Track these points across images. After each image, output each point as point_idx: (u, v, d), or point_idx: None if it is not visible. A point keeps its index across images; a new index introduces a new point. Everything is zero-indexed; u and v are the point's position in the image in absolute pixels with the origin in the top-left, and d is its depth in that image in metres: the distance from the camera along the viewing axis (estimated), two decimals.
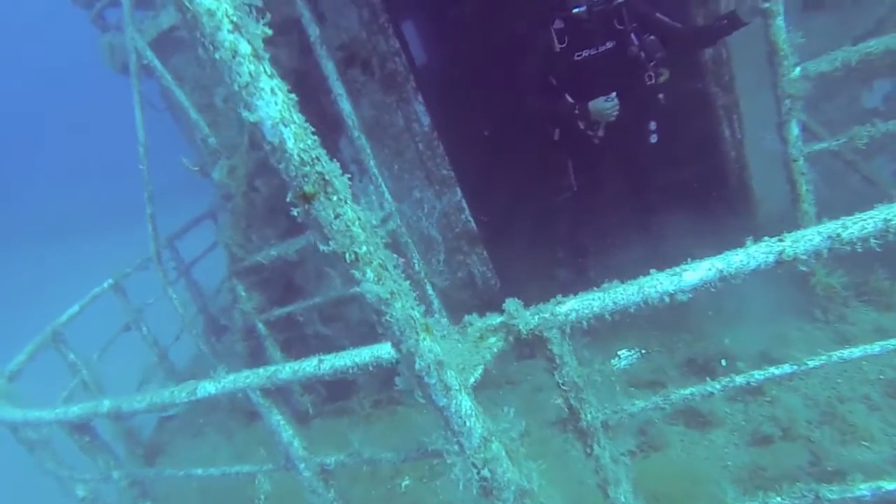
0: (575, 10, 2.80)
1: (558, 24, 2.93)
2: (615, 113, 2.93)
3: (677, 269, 1.46)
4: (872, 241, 1.32)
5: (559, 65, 2.98)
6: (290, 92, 1.04)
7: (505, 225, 5.16)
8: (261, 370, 1.91)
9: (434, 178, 4.00)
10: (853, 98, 3.28)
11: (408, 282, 1.26)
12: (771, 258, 1.35)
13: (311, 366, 1.80)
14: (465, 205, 4.09)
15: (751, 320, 3.05)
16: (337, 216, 1.09)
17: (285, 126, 1.02)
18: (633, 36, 2.91)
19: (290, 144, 1.03)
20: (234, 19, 0.97)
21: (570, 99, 3.10)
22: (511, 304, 1.56)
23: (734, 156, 3.53)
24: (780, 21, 2.37)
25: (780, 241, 1.35)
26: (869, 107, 3.29)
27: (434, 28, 7.65)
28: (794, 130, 2.52)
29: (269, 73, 1.01)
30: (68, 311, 4.25)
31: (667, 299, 1.45)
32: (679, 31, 2.95)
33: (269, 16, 1.05)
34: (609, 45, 2.89)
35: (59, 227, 28.59)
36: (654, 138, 3.03)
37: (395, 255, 1.22)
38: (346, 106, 3.10)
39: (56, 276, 22.65)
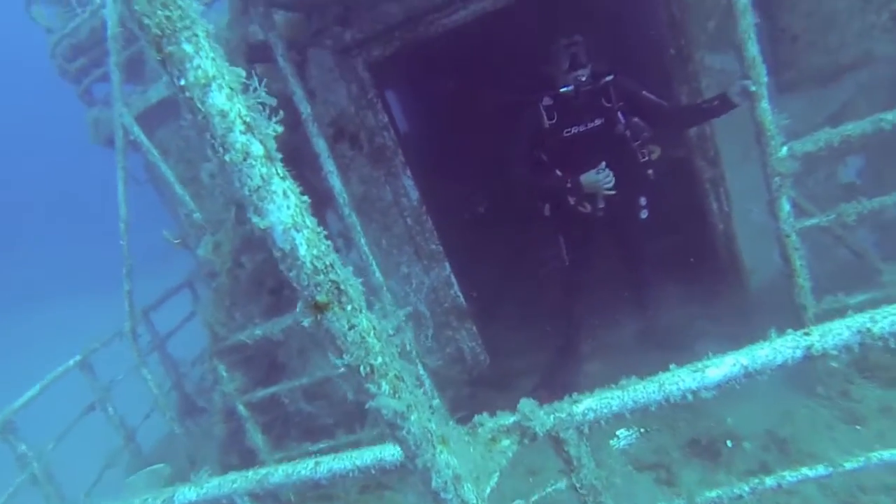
0: (563, 90, 2.87)
1: (547, 100, 2.99)
2: (609, 183, 2.94)
3: (699, 365, 1.39)
4: None
5: (548, 141, 3.02)
6: (302, 194, 0.99)
7: (494, 300, 5.10)
8: (250, 473, 1.75)
9: (422, 253, 3.95)
10: (831, 173, 3.38)
11: (420, 390, 1.16)
12: (798, 353, 1.30)
13: (306, 469, 1.64)
14: (453, 280, 4.03)
15: (752, 396, 2.97)
16: (351, 327, 1.01)
17: (297, 231, 0.95)
18: (619, 115, 2.98)
19: (302, 251, 0.96)
20: (247, 120, 0.91)
21: (559, 173, 3.12)
22: (525, 404, 1.46)
23: (722, 228, 3.57)
24: (765, 103, 2.44)
25: (807, 334, 1.30)
26: (845, 181, 3.38)
27: (423, 101, 7.85)
28: (786, 207, 2.55)
29: (281, 174, 0.95)
30: (27, 393, 3.96)
31: (690, 397, 1.38)
32: (666, 109, 3.03)
33: (282, 113, 1.00)
34: (598, 122, 2.95)
35: (37, 291, 27.90)
36: (644, 214, 3.05)
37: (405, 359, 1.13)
38: (336, 183, 3.06)
39: (36, 337, 21.85)
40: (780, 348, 1.31)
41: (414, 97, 7.77)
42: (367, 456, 1.57)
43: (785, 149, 2.47)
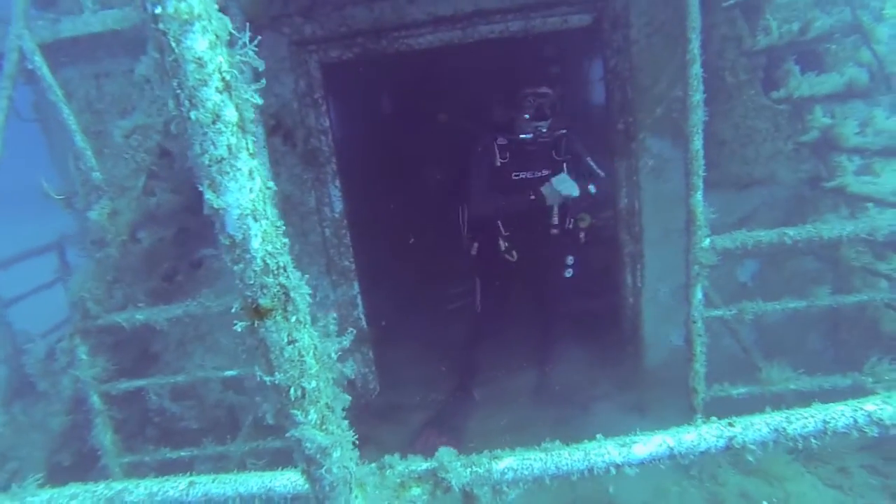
0: (522, 136, 2.90)
1: (502, 140, 3.01)
2: (572, 193, 2.92)
3: (626, 440, 1.37)
4: (812, 440, 1.33)
5: (496, 180, 3.03)
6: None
7: (396, 328, 4.97)
8: (100, 486, 1.46)
9: (334, 268, 3.77)
10: (731, 270, 3.66)
11: (346, 423, 1.02)
12: (722, 443, 1.31)
13: (175, 488, 1.41)
14: (359, 301, 3.87)
15: None
16: (291, 341, 0.86)
17: (255, 220, 0.80)
18: (564, 169, 3.05)
19: (255, 244, 0.81)
20: (227, 77, 0.76)
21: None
22: (445, 453, 1.35)
23: (631, 302, 3.73)
24: (699, 195, 2.59)
25: (732, 425, 1.33)
26: (741, 280, 3.68)
27: (370, 116, 7.69)
28: (699, 294, 2.69)
29: (251, 151, 0.80)
30: None
31: (613, 471, 1.34)
32: (600, 180, 3.14)
33: (263, 81, 0.86)
34: (545, 172, 3.01)
35: None
36: (569, 273, 3.11)
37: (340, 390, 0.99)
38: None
39: None
40: (705, 435, 1.32)
41: (362, 109, 7.64)
42: (253, 483, 1.37)
43: (708, 241, 2.62)
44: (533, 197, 2.93)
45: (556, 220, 2.96)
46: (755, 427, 1.32)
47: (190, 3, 0.72)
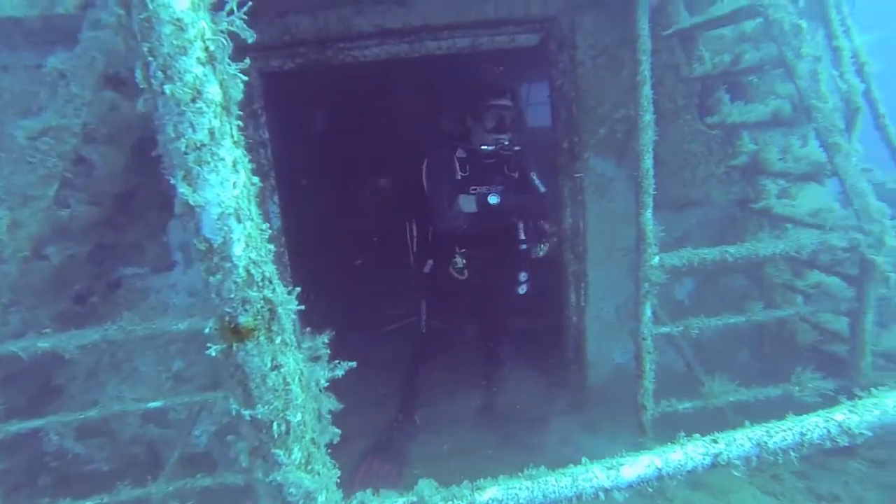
0: (483, 148, 2.86)
1: (461, 153, 2.95)
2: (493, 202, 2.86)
3: (613, 462, 1.31)
4: (791, 452, 1.33)
5: (456, 194, 2.95)
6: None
7: (336, 352, 4.74)
8: None
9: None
10: (669, 289, 3.77)
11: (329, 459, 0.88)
12: (708, 461, 1.28)
13: None
14: (297, 323, 3.65)
15: None
16: (275, 367, 0.72)
17: (238, 221, 0.67)
18: (514, 186, 3.03)
19: (237, 249, 0.67)
20: (211, 46, 0.63)
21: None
22: (425, 485, 1.23)
23: (575, 321, 3.75)
24: (649, 213, 2.65)
25: (716, 442, 1.30)
26: (679, 298, 3.80)
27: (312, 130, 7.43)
28: (648, 312, 2.73)
29: (236, 138, 0.67)
30: None
31: (602, 496, 1.27)
32: (538, 196, 3.10)
33: (248, 61, 0.73)
34: (500, 187, 2.97)
35: None
36: (522, 289, 3.06)
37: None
38: None
39: None
40: (691, 454, 1.28)
41: (305, 121, 7.39)
42: None
43: (657, 258, 2.67)
44: (497, 209, 2.90)
45: (523, 236, 2.94)
46: (738, 442, 1.30)
47: None
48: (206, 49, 0.62)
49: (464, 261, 3.00)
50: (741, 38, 3.37)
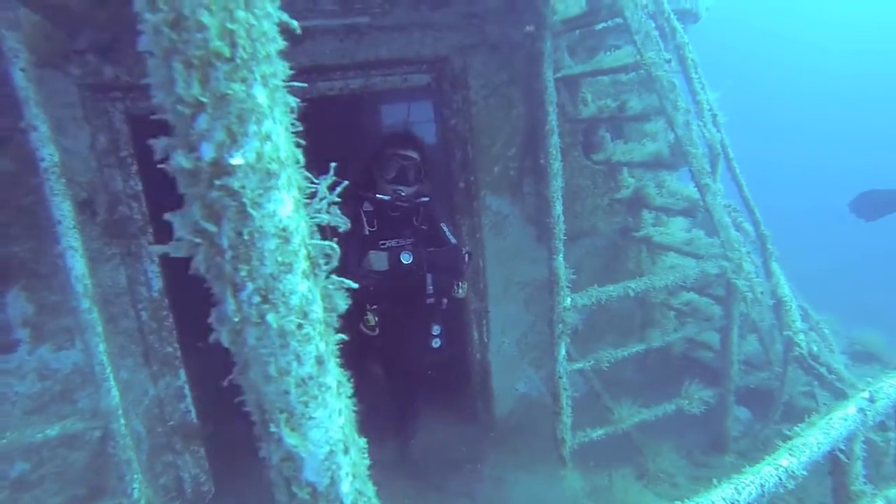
0: (379, 196, 2.74)
1: (367, 206, 2.80)
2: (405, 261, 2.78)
3: None
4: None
5: (365, 249, 2.79)
6: None
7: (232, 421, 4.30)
8: None
9: (154, 357, 3.10)
10: None
11: None
12: None
13: None
14: (187, 391, 3.24)
15: None
16: None
17: (345, 454, 0.54)
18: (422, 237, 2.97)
19: (344, 487, 0.54)
20: (311, 251, 0.50)
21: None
22: None
23: (479, 358, 3.80)
24: (560, 258, 2.76)
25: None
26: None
27: None
28: (563, 351, 2.85)
29: (336, 355, 0.54)
30: None
31: None
32: (450, 249, 3.03)
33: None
34: (409, 240, 2.88)
35: None
36: (436, 343, 3.00)
37: None
38: (78, 265, 2.18)
39: None
40: None
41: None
42: None
43: (568, 300, 2.79)
44: (411, 267, 2.77)
45: (430, 290, 2.85)
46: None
47: (275, 142, 0.45)
48: (309, 256, 0.49)
49: (376, 318, 2.87)
50: (616, 83, 3.68)
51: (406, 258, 2.72)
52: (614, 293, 2.93)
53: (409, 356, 3.22)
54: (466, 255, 2.99)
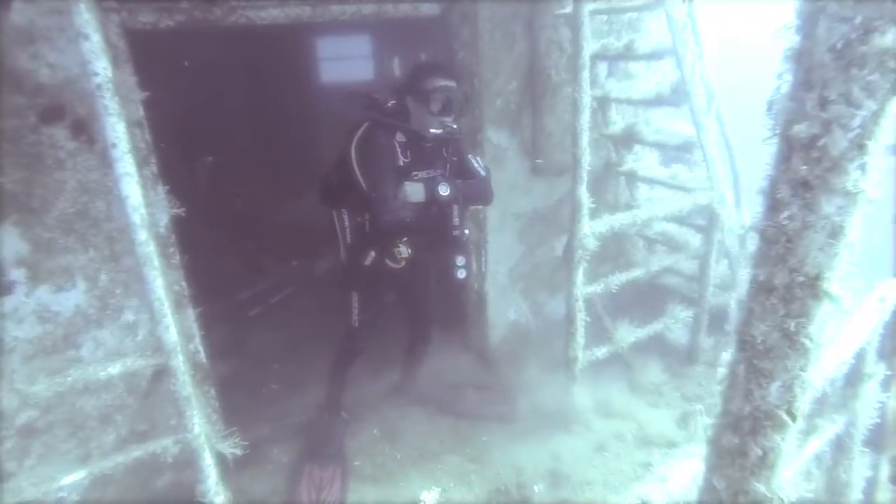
0: (432, 132, 2.70)
1: (400, 137, 2.73)
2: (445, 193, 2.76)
3: None
4: None
5: (399, 181, 2.74)
6: None
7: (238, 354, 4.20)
8: None
9: None
10: (550, 248, 4.20)
11: None
12: None
13: None
14: (195, 330, 3.12)
15: (522, 440, 3.34)
16: None
17: None
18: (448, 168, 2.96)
19: None
20: None
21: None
22: None
23: (477, 287, 3.94)
24: (584, 187, 2.90)
25: None
26: (557, 254, 4.26)
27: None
28: (580, 275, 3.04)
29: None
30: None
31: None
32: (481, 181, 3.04)
33: None
34: (438, 171, 2.86)
35: None
36: (462, 273, 3.05)
37: None
38: (135, 194, 2.00)
39: None
40: None
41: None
42: None
43: (589, 228, 2.97)
44: (448, 198, 2.76)
45: (457, 221, 2.88)
46: None
47: None
48: None
49: (409, 250, 2.88)
50: (609, 22, 3.78)
51: (444, 189, 2.72)
52: (625, 220, 3.15)
53: (429, 287, 3.28)
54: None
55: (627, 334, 3.45)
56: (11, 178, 2.45)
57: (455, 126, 2.75)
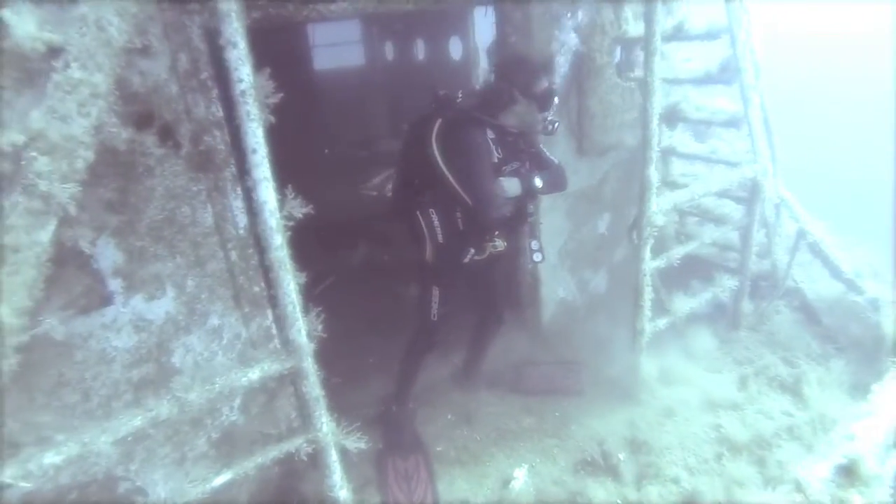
0: (550, 128, 2.76)
1: (490, 133, 2.76)
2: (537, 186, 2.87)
3: None
4: None
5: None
6: None
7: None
8: None
9: (244, 298, 2.94)
10: (594, 225, 4.32)
11: None
12: None
13: None
14: (274, 330, 3.14)
15: (594, 413, 3.49)
16: None
17: None
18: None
19: None
20: None
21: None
22: None
23: (530, 268, 4.04)
24: (653, 167, 3.00)
25: None
26: (599, 231, 4.39)
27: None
28: (648, 251, 3.16)
29: None
30: None
31: None
32: (560, 171, 3.11)
33: None
34: (518, 164, 2.91)
35: None
36: (538, 256, 3.12)
37: None
38: (272, 199, 2.00)
39: None
40: None
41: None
42: None
43: (656, 205, 3.08)
44: (541, 190, 2.84)
45: (531, 209, 2.96)
46: None
47: None
48: None
49: (504, 243, 2.94)
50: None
51: (538, 182, 2.80)
52: (684, 196, 3.28)
53: (503, 271, 3.36)
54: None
55: (682, 306, 3.60)
56: (110, 187, 2.42)
57: (557, 123, 2.82)
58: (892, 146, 8.54)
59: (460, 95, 2.90)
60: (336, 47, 9.61)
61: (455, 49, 7.75)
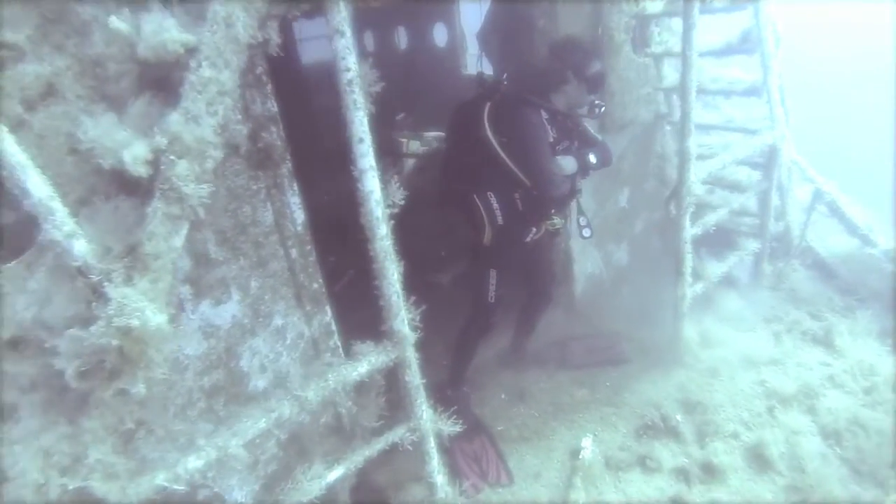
0: (596, 109, 2.81)
1: (544, 114, 2.79)
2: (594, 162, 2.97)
3: None
4: None
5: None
6: None
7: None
8: None
9: (305, 296, 2.90)
10: (616, 199, 4.42)
11: None
12: None
13: None
14: (334, 327, 3.11)
15: (643, 378, 3.60)
16: None
17: None
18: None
19: None
20: None
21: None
22: None
23: (563, 246, 4.11)
24: (692, 139, 3.10)
25: None
26: (620, 206, 4.49)
27: None
28: (688, 220, 3.27)
29: None
30: None
31: None
32: (606, 148, 3.16)
33: None
34: (567, 143, 2.96)
35: None
36: (587, 232, 3.19)
37: None
38: (377, 190, 1.99)
39: None
40: None
41: None
42: None
43: (694, 175, 3.19)
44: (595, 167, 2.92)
45: (580, 186, 3.03)
46: None
47: None
48: None
49: (562, 220, 3.00)
50: None
51: (593, 159, 2.86)
52: (716, 166, 3.40)
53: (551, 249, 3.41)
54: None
55: (714, 271, 3.74)
56: None
57: (603, 106, 2.89)
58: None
59: (505, 78, 2.93)
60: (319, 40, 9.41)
61: (440, 36, 7.74)
